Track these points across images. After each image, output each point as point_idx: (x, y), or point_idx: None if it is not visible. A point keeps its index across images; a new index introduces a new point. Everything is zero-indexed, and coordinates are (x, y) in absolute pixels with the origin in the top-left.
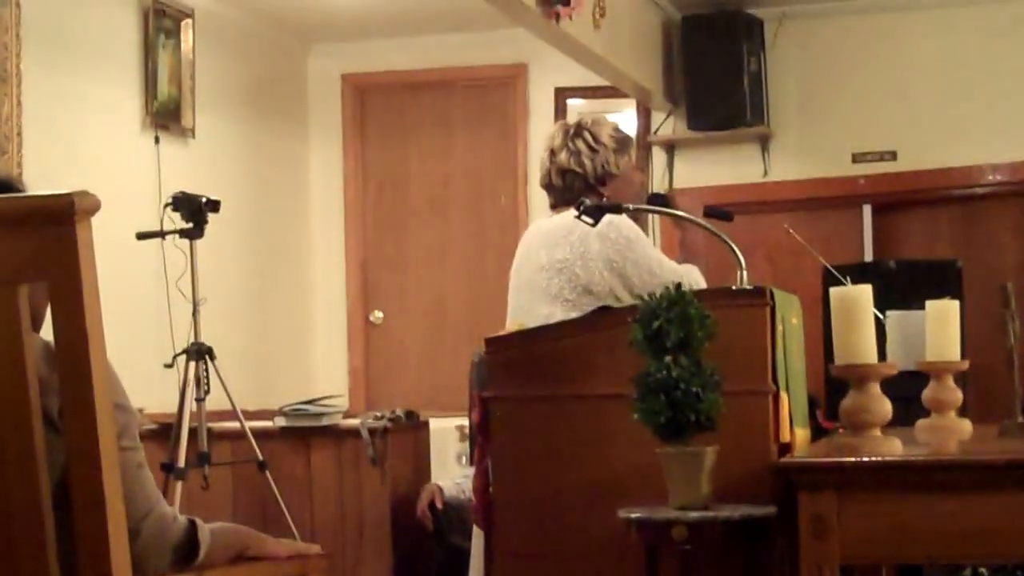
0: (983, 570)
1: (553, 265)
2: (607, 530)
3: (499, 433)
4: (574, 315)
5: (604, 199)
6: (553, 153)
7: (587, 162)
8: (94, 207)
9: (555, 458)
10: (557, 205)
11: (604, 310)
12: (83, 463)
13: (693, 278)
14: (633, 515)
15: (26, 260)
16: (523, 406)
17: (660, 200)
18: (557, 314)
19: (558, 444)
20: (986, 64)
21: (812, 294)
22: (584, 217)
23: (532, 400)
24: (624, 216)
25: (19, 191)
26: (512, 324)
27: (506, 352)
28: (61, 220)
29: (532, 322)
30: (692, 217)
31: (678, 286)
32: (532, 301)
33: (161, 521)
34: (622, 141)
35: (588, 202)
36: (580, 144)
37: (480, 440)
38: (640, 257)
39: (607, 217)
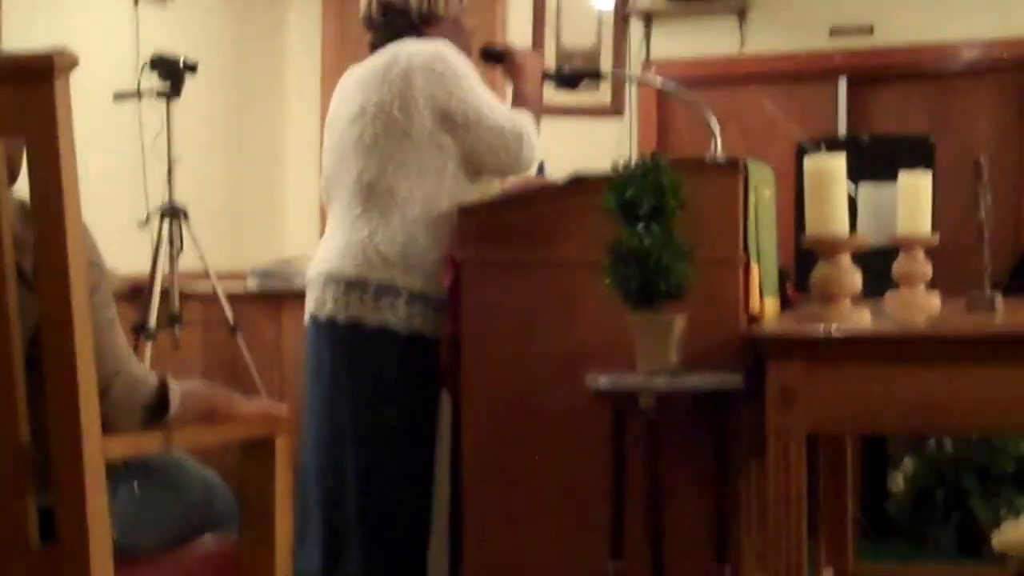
0: (947, 442)
1: (368, 111)
2: (576, 396)
3: (470, 298)
4: (390, 169)
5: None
6: None
7: None
8: (72, 65)
9: (526, 324)
10: (377, 45)
11: (578, 180)
12: (55, 320)
13: (524, 126)
14: (601, 382)
15: (4, 115)
16: (495, 271)
17: (495, 54)
18: (371, 168)
19: (529, 310)
20: None
21: (785, 168)
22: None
23: (504, 265)
24: (451, 47)
25: None
26: (323, 194)
27: (479, 217)
28: (40, 77)
29: (339, 185)
30: (665, 85)
31: (517, 137)
32: (342, 160)
33: (131, 380)
34: None
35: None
36: None
37: (451, 304)
38: (469, 96)
39: (432, 48)
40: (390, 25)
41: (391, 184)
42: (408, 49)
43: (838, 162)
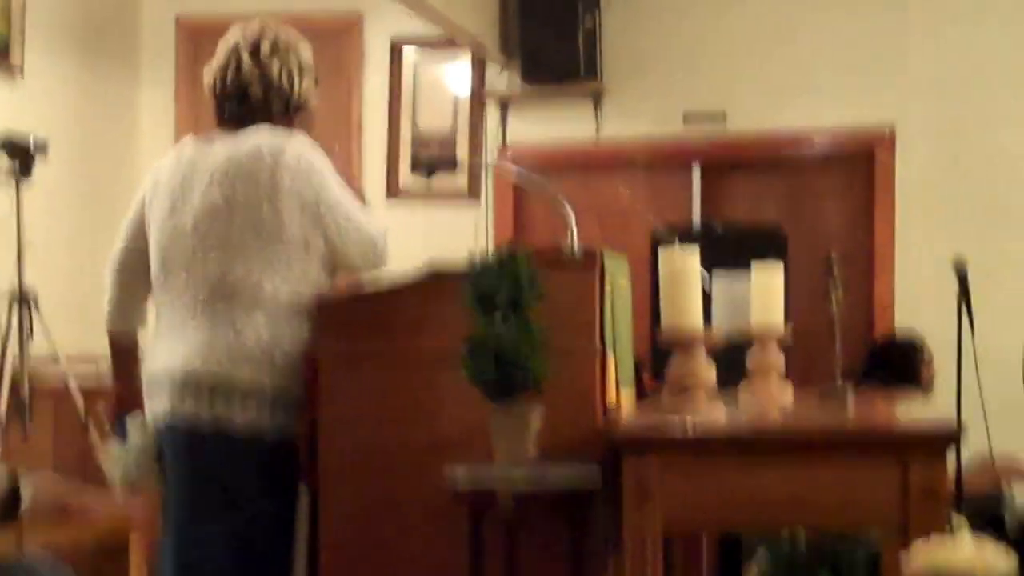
0: (802, 537)
1: (233, 207)
2: (435, 489)
3: (328, 390)
4: (256, 267)
5: (292, 131)
6: (257, 55)
7: (296, 83)
8: None
9: (383, 416)
10: (234, 122)
11: (435, 270)
12: None
13: (381, 225)
14: (459, 474)
15: None
16: (351, 364)
17: None
18: (236, 268)
19: (388, 403)
20: (813, 31)
21: (640, 255)
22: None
23: (362, 357)
24: (309, 144)
25: None
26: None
27: (335, 310)
28: None
29: (192, 277)
30: (530, 176)
31: (381, 235)
32: (197, 252)
33: None
34: (313, 71)
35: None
36: (292, 59)
37: (309, 397)
38: (334, 198)
39: (296, 145)
40: (265, 105)
41: (256, 282)
42: (271, 143)
43: (692, 258)
